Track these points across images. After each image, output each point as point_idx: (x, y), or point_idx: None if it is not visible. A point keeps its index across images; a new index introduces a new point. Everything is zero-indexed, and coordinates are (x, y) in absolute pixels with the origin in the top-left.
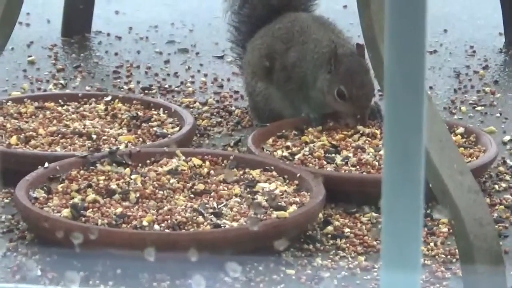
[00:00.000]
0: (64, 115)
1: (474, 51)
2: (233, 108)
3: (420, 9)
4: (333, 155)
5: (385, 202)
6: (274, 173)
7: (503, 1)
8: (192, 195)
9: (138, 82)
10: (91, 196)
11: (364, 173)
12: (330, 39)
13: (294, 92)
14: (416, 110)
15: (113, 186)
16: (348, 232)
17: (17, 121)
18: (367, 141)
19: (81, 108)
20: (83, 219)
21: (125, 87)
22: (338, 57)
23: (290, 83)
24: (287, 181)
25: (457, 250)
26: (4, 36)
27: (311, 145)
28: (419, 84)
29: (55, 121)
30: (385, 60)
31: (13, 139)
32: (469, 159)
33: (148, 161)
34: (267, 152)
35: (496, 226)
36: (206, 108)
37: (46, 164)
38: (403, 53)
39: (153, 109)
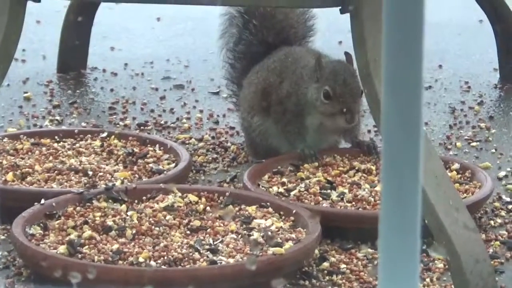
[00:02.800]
0: (60, 152)
1: (469, 87)
2: (229, 144)
3: (416, 44)
4: (329, 191)
5: (382, 238)
6: (270, 209)
7: (497, 37)
8: (188, 232)
9: (134, 118)
10: (88, 232)
11: (360, 209)
12: (317, 54)
13: (290, 125)
14: (412, 146)
15: (110, 222)
16: (344, 268)
17: (13, 157)
18: (362, 177)
19: (77, 145)
20: (80, 255)
21: (121, 123)
22: (323, 64)
23: (286, 115)
24: (283, 217)
25: (453, 286)
26: (0, 72)
27: (307, 181)
28: (415, 120)
29: (51, 158)
30: (381, 96)
31: (10, 176)
32: (465, 195)
33: (144, 198)
34: (263, 188)
35: (492, 262)
36: (201, 144)
37: (43, 201)
38: (399, 90)
39: (149, 145)
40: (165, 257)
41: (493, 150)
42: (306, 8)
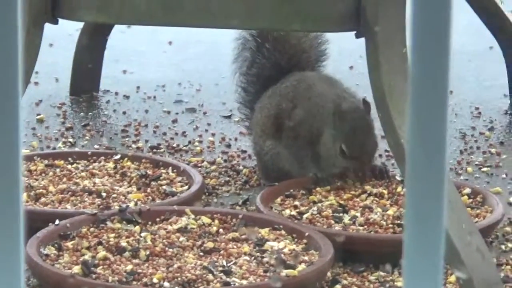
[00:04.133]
0: (74, 173)
1: (480, 113)
2: (241, 167)
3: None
4: (341, 214)
5: (406, 261)
6: (283, 231)
7: (508, 63)
8: (201, 253)
9: (147, 141)
10: (102, 253)
11: (371, 232)
12: (335, 93)
13: (302, 150)
14: (437, 171)
15: (123, 243)
16: None
17: (27, 178)
18: (374, 201)
19: (91, 166)
20: (94, 276)
21: (134, 145)
22: (342, 113)
23: (298, 141)
24: (296, 239)
25: None
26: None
27: (319, 204)
28: (440, 145)
29: (65, 179)
30: (395, 120)
31: (24, 197)
32: (476, 219)
33: (157, 219)
34: (276, 211)
35: (504, 287)
36: (214, 167)
37: (57, 221)
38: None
39: (162, 167)
40: (179, 278)
41: (504, 176)
42: (320, 32)
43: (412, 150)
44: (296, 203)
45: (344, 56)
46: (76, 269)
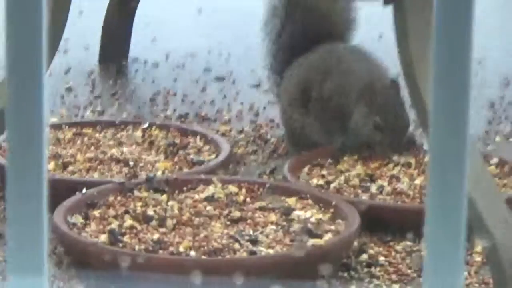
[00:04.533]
0: (101, 142)
1: (508, 82)
2: (269, 136)
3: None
4: (368, 184)
5: (428, 231)
6: (310, 201)
7: None
8: (228, 222)
9: (175, 110)
10: (129, 222)
11: (399, 202)
12: (366, 68)
13: (330, 121)
14: (459, 140)
15: (150, 212)
16: (382, 260)
17: (55, 147)
18: (402, 171)
19: (118, 135)
20: (121, 244)
21: (162, 114)
22: (373, 90)
23: (326, 113)
24: (323, 209)
25: (491, 279)
26: (46, 62)
27: (347, 174)
28: (463, 115)
29: (92, 148)
30: (423, 91)
31: (52, 165)
32: (503, 189)
33: (185, 188)
34: (303, 180)
35: None
36: (242, 136)
37: (84, 190)
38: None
39: (189, 136)
40: (205, 247)
41: None
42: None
43: (435, 117)
44: (324, 172)
45: (373, 25)
46: (103, 237)
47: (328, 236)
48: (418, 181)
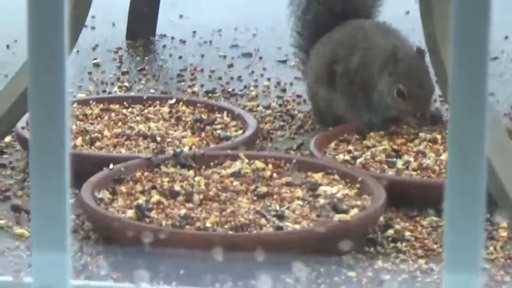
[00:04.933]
0: (129, 117)
1: None
2: (296, 112)
3: (484, 17)
4: (394, 159)
5: (448, 206)
6: (336, 176)
7: None
8: (254, 198)
9: (202, 86)
10: (155, 197)
11: (424, 177)
12: (392, 43)
13: (357, 97)
14: (479, 115)
15: (177, 188)
16: (408, 235)
17: (82, 122)
18: (428, 146)
19: (146, 111)
20: (147, 220)
21: (189, 90)
22: (398, 59)
23: (352, 88)
24: (349, 184)
25: None
26: (72, 38)
27: (373, 149)
28: (482, 90)
29: (120, 123)
30: (447, 66)
31: (79, 141)
32: None
33: (211, 164)
34: (329, 156)
35: None
36: (269, 112)
37: (111, 166)
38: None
39: (216, 112)
40: (232, 223)
41: None
42: None
43: (454, 92)
44: (350, 148)
45: (399, 1)
46: (130, 213)
47: (354, 212)
48: (444, 157)
